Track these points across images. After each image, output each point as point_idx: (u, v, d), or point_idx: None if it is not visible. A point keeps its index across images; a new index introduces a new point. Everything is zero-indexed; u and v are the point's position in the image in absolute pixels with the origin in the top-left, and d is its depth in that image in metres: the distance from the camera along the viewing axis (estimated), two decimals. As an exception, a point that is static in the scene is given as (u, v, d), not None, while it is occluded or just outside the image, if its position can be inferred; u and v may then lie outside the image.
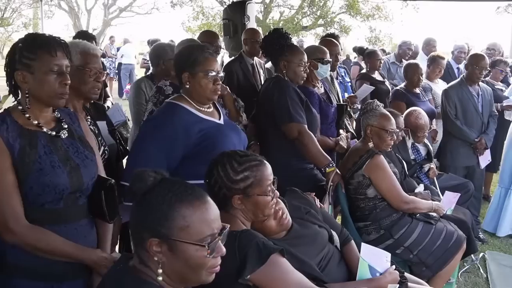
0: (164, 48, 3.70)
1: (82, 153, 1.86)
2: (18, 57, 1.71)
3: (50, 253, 1.75)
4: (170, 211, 1.29)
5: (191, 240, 1.29)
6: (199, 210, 1.32)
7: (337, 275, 2.19)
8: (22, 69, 1.71)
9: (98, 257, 1.85)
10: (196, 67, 2.30)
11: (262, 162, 1.96)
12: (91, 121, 2.34)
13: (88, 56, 2.25)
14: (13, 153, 1.69)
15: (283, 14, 21.50)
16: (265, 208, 1.95)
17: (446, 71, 5.89)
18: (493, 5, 20.44)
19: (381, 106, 3.23)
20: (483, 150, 4.53)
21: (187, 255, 1.30)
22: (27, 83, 1.73)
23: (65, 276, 1.79)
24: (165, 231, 1.29)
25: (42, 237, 1.73)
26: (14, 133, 1.71)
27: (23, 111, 1.76)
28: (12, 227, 1.68)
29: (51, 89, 1.74)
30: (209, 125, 2.33)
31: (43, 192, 1.73)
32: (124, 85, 13.64)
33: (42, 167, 1.72)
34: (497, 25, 45.26)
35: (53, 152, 1.77)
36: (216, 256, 1.35)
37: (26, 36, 1.79)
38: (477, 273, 3.91)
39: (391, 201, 3.03)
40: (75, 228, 1.82)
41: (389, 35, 22.06)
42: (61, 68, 1.75)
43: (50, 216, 1.76)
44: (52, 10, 25.07)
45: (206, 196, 1.37)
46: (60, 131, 1.82)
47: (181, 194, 1.32)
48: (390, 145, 3.18)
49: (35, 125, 1.77)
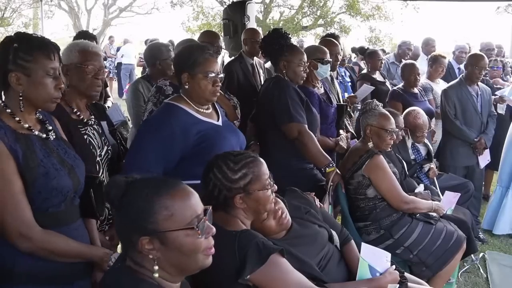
0: (159, 48, 3.71)
1: (70, 153, 1.85)
2: (13, 57, 1.65)
3: (65, 255, 1.74)
4: (151, 206, 1.30)
5: (179, 227, 1.30)
6: (178, 197, 1.33)
7: (337, 275, 2.19)
8: (17, 71, 1.66)
9: (103, 253, 1.87)
10: (196, 68, 2.30)
11: (256, 158, 1.97)
12: (94, 120, 2.33)
13: (86, 53, 2.23)
14: (17, 158, 1.64)
15: (283, 14, 21.49)
16: (266, 203, 1.95)
17: (447, 71, 5.89)
18: (493, 5, 20.42)
19: (380, 106, 3.24)
20: (482, 150, 4.53)
21: (179, 243, 1.31)
22: (21, 85, 1.67)
23: (74, 277, 1.79)
24: (152, 226, 1.30)
25: (56, 240, 1.72)
26: (11, 138, 1.66)
27: (11, 114, 1.70)
28: (26, 233, 1.65)
29: (47, 92, 1.71)
30: (207, 127, 2.32)
31: (50, 196, 1.71)
32: (124, 85, 13.62)
33: (47, 171, 1.70)
34: (497, 25, 45.29)
35: (50, 154, 1.74)
36: (207, 236, 1.36)
37: (20, 36, 1.72)
38: (477, 273, 3.91)
39: (391, 201, 3.03)
40: (75, 229, 1.82)
41: (389, 35, 22.07)
42: (56, 72, 1.72)
43: (54, 219, 1.75)
44: (52, 10, 25.05)
45: (181, 183, 1.39)
46: (47, 133, 1.80)
47: (156, 188, 1.34)
48: (390, 145, 3.19)
49: (26, 129, 1.72)
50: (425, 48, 6.72)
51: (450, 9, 58.48)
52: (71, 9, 25.47)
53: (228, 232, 1.84)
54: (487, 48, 6.67)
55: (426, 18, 45.23)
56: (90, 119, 2.31)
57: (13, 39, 1.70)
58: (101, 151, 2.29)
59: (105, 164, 2.32)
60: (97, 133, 2.31)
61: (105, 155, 2.33)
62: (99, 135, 2.32)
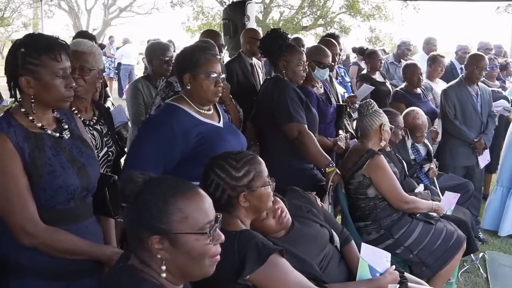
0: (152, 48, 3.78)
1: (85, 152, 1.86)
2: (21, 62, 1.68)
3: (69, 252, 1.75)
4: (166, 206, 1.30)
5: (191, 231, 1.30)
6: (194, 200, 1.33)
7: (337, 276, 2.19)
8: (27, 75, 1.68)
9: (112, 253, 1.86)
10: (198, 69, 2.29)
11: (255, 156, 1.99)
12: (98, 121, 2.35)
13: (72, 53, 2.26)
14: (23, 156, 1.67)
15: (283, 14, 21.52)
16: (267, 200, 1.96)
17: (450, 71, 5.89)
18: (493, 5, 20.42)
19: (376, 106, 3.23)
20: (482, 150, 4.52)
21: (189, 246, 1.31)
22: (32, 88, 1.70)
23: (80, 274, 1.80)
24: (165, 227, 1.29)
25: (61, 237, 1.73)
26: (21, 136, 1.69)
27: (26, 113, 1.74)
28: (31, 230, 1.67)
29: (58, 93, 1.73)
30: (208, 128, 2.32)
31: (56, 194, 1.73)
32: (123, 85, 13.63)
33: (54, 169, 1.72)
34: (497, 25, 45.27)
35: (60, 153, 1.77)
36: (216, 243, 1.36)
37: (27, 39, 1.74)
38: (477, 273, 3.91)
39: (391, 201, 3.03)
40: (85, 227, 1.83)
41: (389, 35, 22.10)
42: (66, 72, 1.74)
43: (62, 216, 1.76)
44: (52, 10, 25.07)
45: (197, 187, 1.39)
46: (62, 132, 1.82)
47: (173, 188, 1.33)
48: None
49: (39, 128, 1.75)
50: (426, 47, 6.71)
51: (450, 9, 58.53)
52: (71, 9, 25.50)
53: (228, 232, 1.83)
54: (486, 47, 6.65)
55: (426, 18, 45.25)
56: (92, 120, 2.31)
57: (20, 44, 1.72)
58: (98, 152, 2.30)
59: (103, 165, 2.32)
60: (98, 134, 2.32)
61: (104, 156, 2.33)
62: (100, 136, 2.32)
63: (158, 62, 3.67)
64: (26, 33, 1.85)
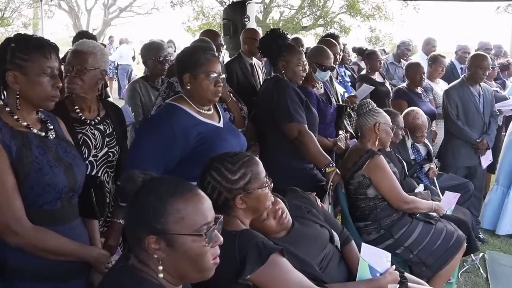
0: (146, 49, 3.84)
1: (70, 152, 1.86)
2: (10, 57, 1.68)
3: (54, 253, 1.74)
4: (164, 206, 1.30)
5: (187, 232, 1.30)
6: (192, 201, 1.33)
7: (337, 276, 2.19)
8: (14, 70, 1.68)
9: (98, 254, 1.86)
10: (198, 68, 2.29)
11: (252, 157, 1.97)
12: (103, 120, 2.35)
13: (73, 52, 2.28)
14: (10, 154, 1.66)
15: (283, 14, 21.50)
16: (265, 201, 1.95)
17: (450, 72, 5.89)
18: (493, 5, 20.40)
19: (372, 105, 3.24)
20: (484, 150, 4.51)
21: (185, 248, 1.31)
22: (18, 84, 1.70)
23: (68, 276, 1.79)
24: (161, 227, 1.30)
25: (46, 237, 1.72)
26: (7, 134, 1.68)
27: (10, 112, 1.73)
28: (15, 229, 1.66)
29: (44, 91, 1.72)
30: (207, 128, 2.32)
31: (43, 192, 1.72)
32: (123, 85, 13.63)
33: (41, 167, 1.71)
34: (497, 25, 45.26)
35: (47, 152, 1.76)
36: (214, 245, 1.35)
37: (18, 36, 1.75)
38: (477, 273, 3.91)
39: (391, 201, 3.03)
40: (72, 228, 1.82)
41: (389, 35, 22.08)
42: (54, 71, 1.74)
43: (49, 217, 1.75)
44: (52, 10, 25.03)
45: (196, 188, 1.39)
46: (47, 131, 1.81)
47: (171, 188, 1.34)
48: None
49: (25, 127, 1.74)
50: (425, 48, 6.70)
51: (450, 9, 58.49)
52: (71, 9, 25.47)
53: (228, 232, 1.84)
54: (485, 47, 6.65)
55: (426, 18, 45.21)
56: (95, 119, 2.32)
57: (11, 40, 1.73)
58: (97, 151, 2.30)
59: (102, 165, 2.32)
60: (99, 133, 2.32)
61: (103, 156, 2.33)
62: (102, 136, 2.32)
63: (153, 63, 3.74)
64: (17, 33, 1.85)
